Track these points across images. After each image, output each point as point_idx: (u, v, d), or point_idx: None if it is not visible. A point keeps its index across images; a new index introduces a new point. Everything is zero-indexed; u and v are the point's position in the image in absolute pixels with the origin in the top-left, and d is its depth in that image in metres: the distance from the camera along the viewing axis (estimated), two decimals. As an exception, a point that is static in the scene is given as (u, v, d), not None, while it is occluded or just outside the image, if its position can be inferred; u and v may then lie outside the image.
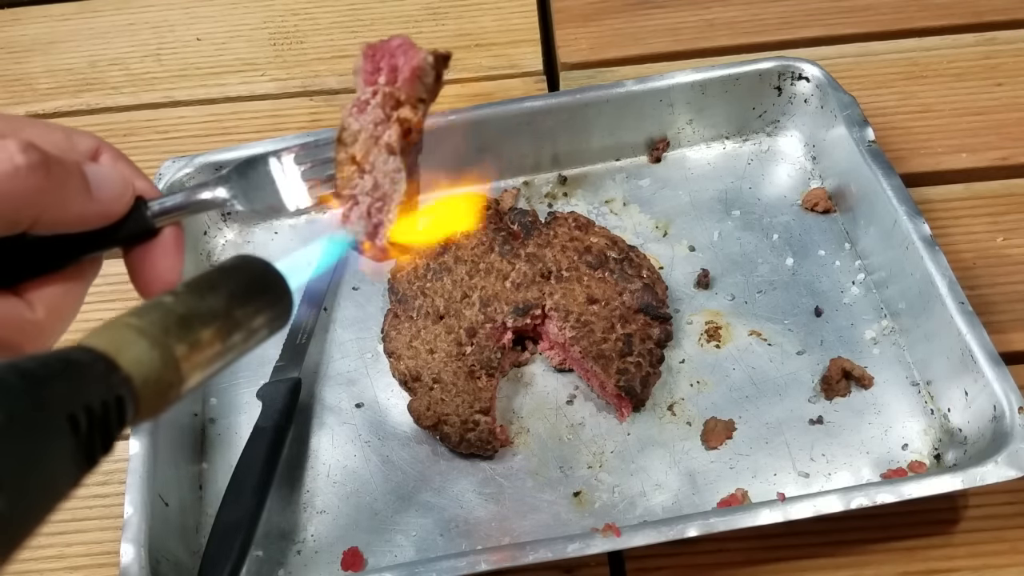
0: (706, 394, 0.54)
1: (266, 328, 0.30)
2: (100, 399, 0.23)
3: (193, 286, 0.28)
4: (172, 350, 0.25)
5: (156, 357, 0.25)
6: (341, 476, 0.52)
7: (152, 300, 0.26)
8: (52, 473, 0.21)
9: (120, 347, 0.24)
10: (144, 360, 0.24)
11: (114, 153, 0.35)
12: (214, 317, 0.27)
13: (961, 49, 0.72)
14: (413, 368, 0.53)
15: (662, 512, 0.49)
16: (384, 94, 0.36)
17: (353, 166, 0.36)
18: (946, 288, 0.51)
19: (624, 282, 0.55)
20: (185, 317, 0.26)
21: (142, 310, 0.26)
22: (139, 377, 0.24)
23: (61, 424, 0.21)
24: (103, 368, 0.23)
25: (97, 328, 0.25)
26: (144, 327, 0.25)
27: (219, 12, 0.82)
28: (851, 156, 0.59)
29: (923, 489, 0.45)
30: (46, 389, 0.21)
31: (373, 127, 0.36)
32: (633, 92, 0.63)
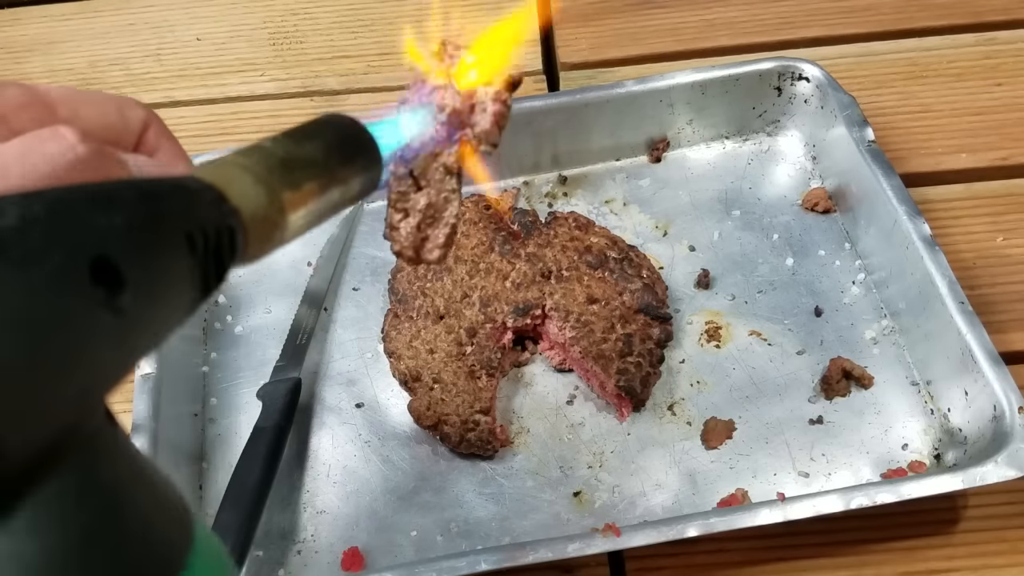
0: (706, 394, 0.54)
1: (359, 187, 0.29)
2: (214, 224, 0.22)
3: (290, 134, 0.27)
4: (276, 189, 0.25)
5: (262, 194, 0.24)
6: (341, 476, 0.52)
7: (251, 144, 0.26)
8: (172, 286, 0.21)
9: (227, 181, 0.24)
10: (250, 195, 0.24)
11: (161, 129, 0.34)
12: (313, 165, 0.27)
13: (961, 49, 0.72)
14: (413, 368, 0.54)
15: (662, 512, 0.49)
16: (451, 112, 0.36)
17: (410, 179, 0.36)
18: (946, 288, 0.51)
19: (624, 282, 0.55)
20: (286, 161, 0.26)
21: (244, 151, 0.26)
22: (247, 211, 0.24)
23: (179, 240, 0.21)
24: (213, 197, 0.23)
25: (202, 164, 0.25)
26: (248, 165, 0.25)
27: (219, 12, 0.82)
28: (851, 156, 0.59)
29: (923, 489, 0.45)
30: (163, 204, 0.21)
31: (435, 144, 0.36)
32: (633, 92, 0.63)
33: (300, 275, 0.61)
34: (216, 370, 0.57)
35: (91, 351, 0.19)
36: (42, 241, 0.18)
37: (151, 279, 0.20)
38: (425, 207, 0.36)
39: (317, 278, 0.60)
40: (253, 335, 0.59)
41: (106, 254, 0.19)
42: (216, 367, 0.57)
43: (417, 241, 0.36)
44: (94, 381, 0.19)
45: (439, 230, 0.36)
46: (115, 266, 0.19)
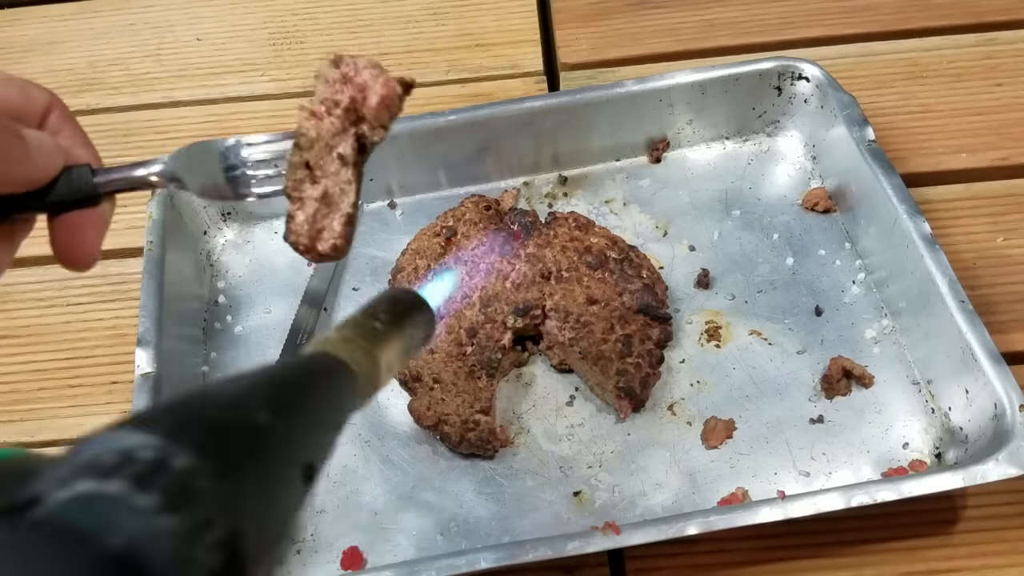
0: (706, 394, 0.54)
1: (419, 350, 0.37)
2: (353, 410, 0.29)
3: (396, 318, 0.33)
4: (379, 371, 0.31)
5: (374, 374, 0.31)
6: (341, 476, 0.52)
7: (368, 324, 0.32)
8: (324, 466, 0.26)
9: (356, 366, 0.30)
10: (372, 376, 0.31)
11: (64, 113, 0.36)
12: (402, 346, 0.33)
13: (961, 49, 0.72)
14: (413, 368, 0.53)
15: (662, 511, 0.49)
16: (345, 108, 0.37)
17: (305, 170, 0.37)
18: (946, 287, 0.51)
19: (624, 282, 0.55)
20: (389, 344, 0.32)
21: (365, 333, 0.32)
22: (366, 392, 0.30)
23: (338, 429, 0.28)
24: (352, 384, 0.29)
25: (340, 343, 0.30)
26: (370, 349, 0.31)
27: (219, 12, 0.82)
28: (851, 156, 0.59)
29: (924, 487, 0.45)
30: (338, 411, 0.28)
31: (330, 136, 0.37)
32: (633, 92, 0.63)
33: (300, 275, 0.61)
34: (216, 370, 0.57)
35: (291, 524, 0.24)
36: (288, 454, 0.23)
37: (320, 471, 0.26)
38: (320, 197, 0.37)
39: (317, 278, 0.60)
40: (253, 335, 0.59)
41: (313, 461, 0.25)
42: (216, 367, 0.57)
43: (312, 231, 0.37)
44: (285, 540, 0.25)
45: (334, 220, 0.37)
46: (315, 469, 0.25)
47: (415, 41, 0.77)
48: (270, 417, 0.22)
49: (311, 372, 0.28)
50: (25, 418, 0.56)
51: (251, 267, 0.62)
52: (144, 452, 0.18)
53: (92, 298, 0.62)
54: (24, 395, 0.57)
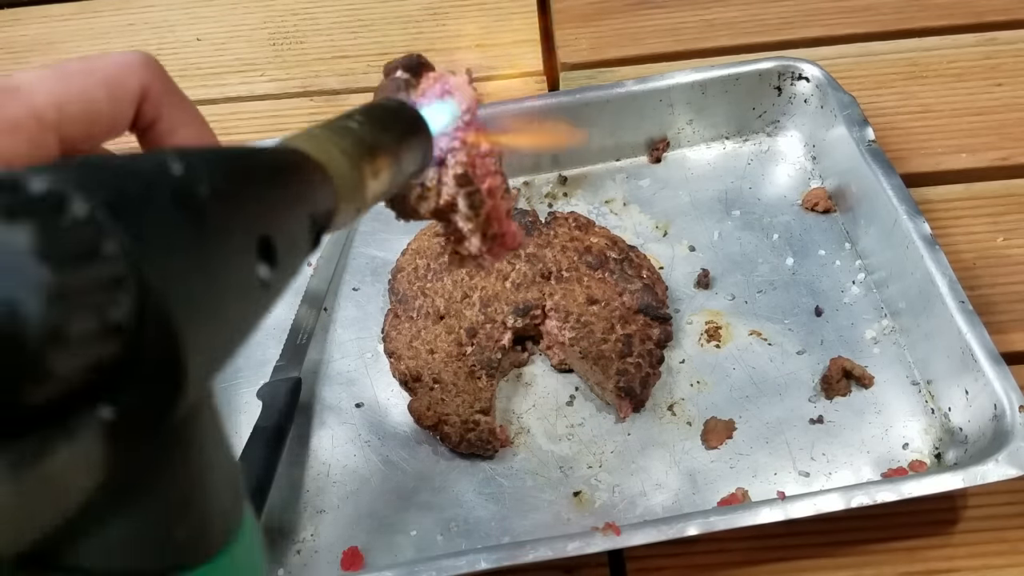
0: (706, 394, 0.54)
1: (413, 170, 0.32)
2: (325, 206, 0.25)
3: (374, 119, 0.29)
4: (364, 176, 0.27)
5: (356, 179, 0.27)
6: (341, 476, 0.52)
7: (341, 123, 0.28)
8: (296, 259, 0.23)
9: (331, 163, 0.26)
10: (347, 180, 0.26)
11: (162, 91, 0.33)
12: (388, 152, 0.29)
13: (961, 49, 0.72)
14: (413, 368, 0.53)
15: (662, 512, 0.49)
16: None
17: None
18: (946, 287, 0.51)
19: (624, 282, 0.55)
20: (372, 148, 0.28)
21: (337, 131, 0.27)
22: (342, 194, 0.26)
23: (306, 219, 0.24)
24: (325, 180, 0.25)
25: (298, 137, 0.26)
26: (346, 149, 0.27)
27: (219, 12, 0.82)
28: (851, 156, 0.59)
29: (924, 487, 0.45)
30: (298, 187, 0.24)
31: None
32: (633, 92, 0.63)
33: (300, 275, 0.61)
34: (216, 370, 0.57)
35: (243, 320, 0.20)
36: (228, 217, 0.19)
37: (288, 255, 0.22)
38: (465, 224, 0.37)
39: (317, 278, 0.60)
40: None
41: (269, 234, 0.21)
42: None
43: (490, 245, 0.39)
44: (239, 344, 0.20)
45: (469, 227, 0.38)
46: (274, 245, 0.21)
47: (415, 41, 0.77)
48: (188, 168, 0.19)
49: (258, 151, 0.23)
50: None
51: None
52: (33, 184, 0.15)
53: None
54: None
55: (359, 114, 0.29)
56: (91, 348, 0.15)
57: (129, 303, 0.15)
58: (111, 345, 0.15)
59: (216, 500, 0.21)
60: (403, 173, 0.31)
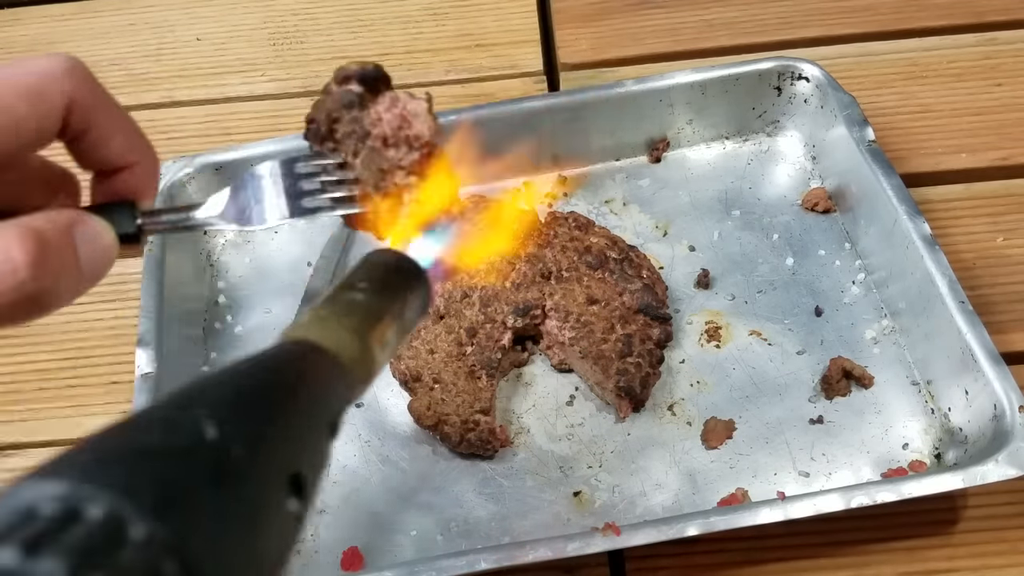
0: (706, 394, 0.54)
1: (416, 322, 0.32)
2: (346, 404, 0.25)
3: (378, 284, 0.29)
4: (371, 349, 0.27)
5: (365, 357, 0.27)
6: (341, 476, 0.52)
7: (347, 297, 0.28)
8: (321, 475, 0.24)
9: (341, 349, 0.26)
10: (358, 360, 0.26)
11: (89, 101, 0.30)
12: (394, 318, 0.29)
13: (961, 49, 0.72)
14: (413, 368, 0.53)
15: (662, 512, 0.49)
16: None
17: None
18: (946, 287, 0.51)
19: (624, 282, 0.55)
20: (378, 316, 0.28)
21: (344, 308, 0.27)
22: (358, 378, 0.26)
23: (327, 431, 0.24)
24: (339, 371, 0.25)
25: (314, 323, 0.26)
26: (354, 327, 0.27)
27: (219, 12, 0.82)
28: (851, 156, 0.59)
29: (923, 488, 0.45)
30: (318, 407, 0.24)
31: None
32: (633, 92, 0.63)
33: (300, 275, 0.61)
34: (216, 370, 0.57)
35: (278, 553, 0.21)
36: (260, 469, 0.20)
37: (315, 480, 0.23)
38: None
39: (317, 278, 0.60)
40: (253, 335, 0.59)
41: (299, 470, 0.21)
42: (216, 367, 0.57)
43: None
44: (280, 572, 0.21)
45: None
46: (304, 480, 0.22)
47: (415, 41, 0.77)
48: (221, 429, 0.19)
49: (279, 366, 0.23)
50: (25, 418, 0.56)
51: (251, 267, 0.62)
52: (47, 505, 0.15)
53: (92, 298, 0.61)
54: (24, 395, 0.57)
55: (361, 281, 0.29)
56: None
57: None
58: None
59: None
60: (406, 330, 0.31)
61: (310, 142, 0.36)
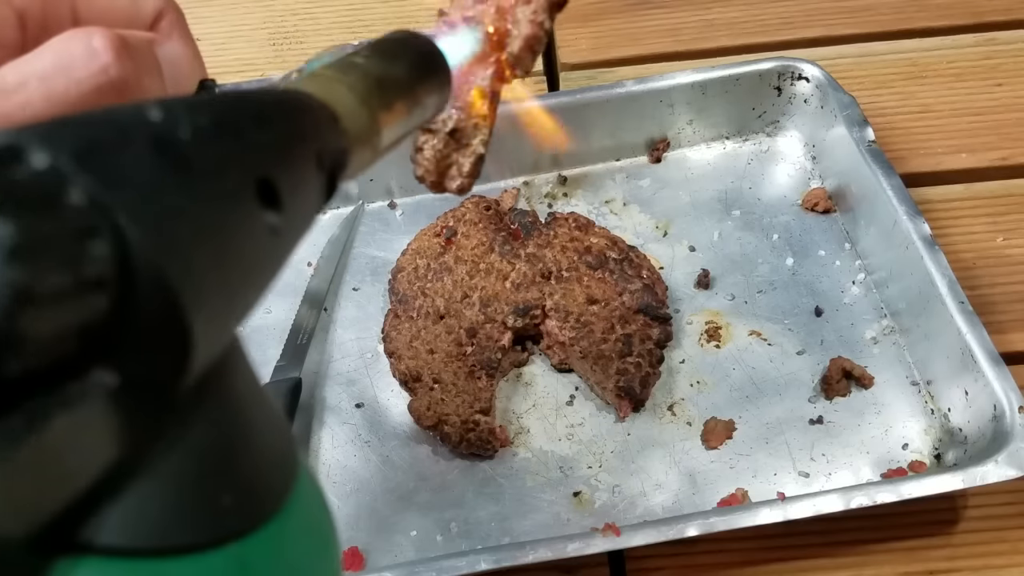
0: (706, 394, 0.54)
1: (433, 108, 0.30)
2: (334, 144, 0.23)
3: (381, 52, 0.27)
4: (375, 111, 0.25)
5: (364, 115, 0.25)
6: (341, 476, 0.52)
7: (346, 59, 0.26)
8: (308, 203, 0.22)
9: (337, 101, 0.24)
10: (356, 116, 0.24)
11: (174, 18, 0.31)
12: (401, 87, 0.27)
13: (961, 49, 0.72)
14: (413, 368, 0.53)
15: (662, 512, 0.49)
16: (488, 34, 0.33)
17: None
18: (946, 288, 0.51)
19: (624, 282, 0.55)
20: (381, 81, 0.26)
21: (340, 67, 0.25)
22: (352, 132, 0.24)
23: (312, 159, 0.22)
24: (330, 117, 0.23)
25: (300, 78, 0.25)
26: (353, 84, 0.25)
27: (219, 12, 0.81)
28: (851, 156, 0.59)
29: (923, 488, 0.45)
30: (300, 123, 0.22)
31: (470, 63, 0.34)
32: (633, 92, 0.63)
33: (300, 275, 0.61)
34: (216, 370, 0.57)
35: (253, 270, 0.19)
36: (216, 160, 0.18)
37: (296, 199, 0.20)
38: (452, 129, 0.34)
39: (317, 278, 0.60)
40: (253, 335, 0.59)
41: (269, 176, 0.19)
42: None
43: (442, 166, 0.34)
44: (255, 296, 0.19)
45: (465, 157, 0.34)
46: (276, 188, 0.19)
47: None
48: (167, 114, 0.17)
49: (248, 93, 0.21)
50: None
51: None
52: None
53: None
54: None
55: (365, 48, 0.27)
56: (70, 307, 0.13)
57: (106, 255, 0.14)
58: (95, 303, 0.14)
59: (261, 459, 0.19)
60: (421, 108, 0.28)
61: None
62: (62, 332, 0.14)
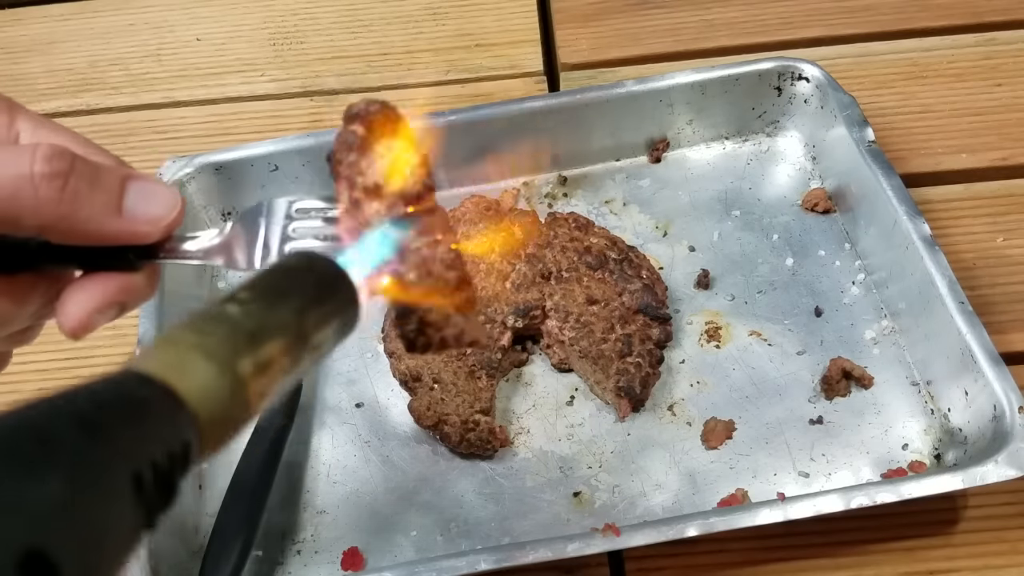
0: (706, 394, 0.54)
1: (332, 343, 0.26)
2: (166, 449, 0.19)
3: (260, 293, 0.24)
4: (242, 378, 0.22)
5: (225, 387, 0.21)
6: (341, 476, 0.52)
7: (215, 310, 0.22)
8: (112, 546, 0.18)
9: (184, 374, 0.20)
10: (212, 393, 0.21)
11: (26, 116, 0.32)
12: (284, 333, 0.23)
13: (961, 49, 0.72)
14: (413, 368, 0.53)
15: (662, 512, 0.49)
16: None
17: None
18: (946, 288, 0.51)
19: (624, 283, 0.55)
20: (255, 334, 0.22)
21: (205, 323, 0.22)
22: (206, 414, 0.20)
23: (125, 486, 0.18)
24: (169, 408, 0.20)
25: (153, 347, 0.21)
26: (212, 348, 0.21)
27: (219, 12, 0.82)
28: (851, 156, 0.59)
29: (923, 488, 0.45)
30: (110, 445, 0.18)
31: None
32: (633, 92, 0.63)
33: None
34: (216, 370, 0.57)
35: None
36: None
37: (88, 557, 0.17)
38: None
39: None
40: (253, 335, 0.58)
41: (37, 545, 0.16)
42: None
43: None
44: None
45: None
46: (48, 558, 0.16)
47: (415, 41, 0.77)
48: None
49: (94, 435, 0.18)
50: (25, 418, 0.56)
51: (251, 267, 0.62)
52: None
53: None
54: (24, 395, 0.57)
55: (245, 290, 0.23)
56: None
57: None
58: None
59: None
60: (315, 350, 0.25)
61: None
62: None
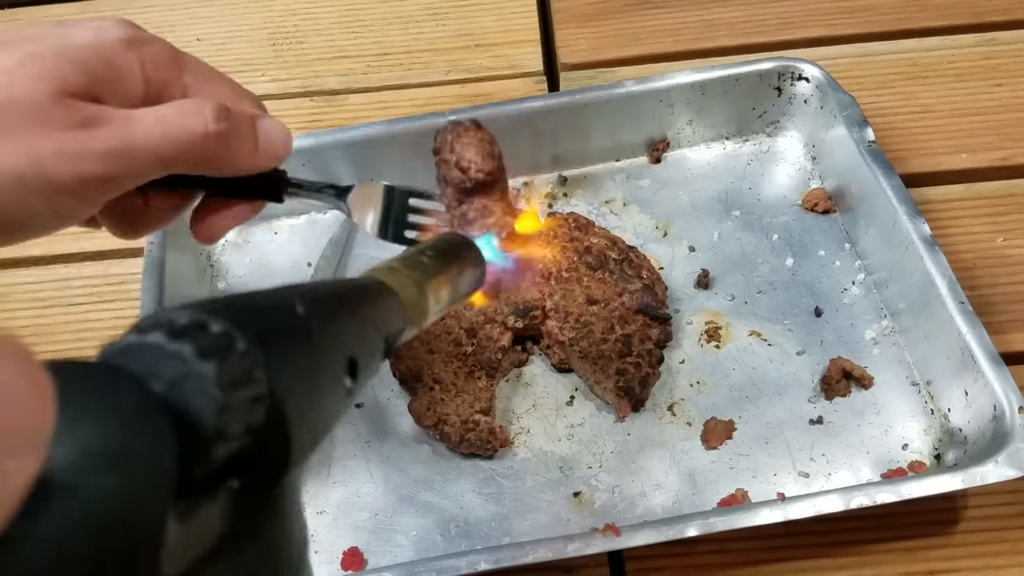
0: (706, 394, 0.54)
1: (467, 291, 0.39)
2: (396, 330, 0.32)
3: (438, 252, 0.36)
4: (427, 296, 0.34)
5: (421, 305, 0.33)
6: (341, 476, 0.52)
7: (415, 258, 0.35)
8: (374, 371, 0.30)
9: (401, 288, 0.32)
10: (412, 302, 0.33)
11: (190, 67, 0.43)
12: (450, 282, 0.36)
13: (961, 49, 0.72)
14: (413, 368, 0.53)
15: (662, 512, 0.49)
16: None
17: None
18: (946, 288, 0.51)
19: (624, 283, 0.55)
20: (436, 278, 0.35)
21: (411, 264, 0.34)
22: (410, 318, 0.33)
23: (381, 341, 0.30)
24: (396, 304, 0.32)
25: (384, 269, 0.33)
26: (416, 278, 0.33)
27: (219, 12, 0.82)
28: (851, 156, 0.59)
29: (923, 489, 0.45)
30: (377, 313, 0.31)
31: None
32: (633, 92, 0.63)
33: (300, 275, 0.61)
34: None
35: (331, 418, 0.27)
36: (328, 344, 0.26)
37: (368, 370, 0.29)
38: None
39: (317, 278, 0.60)
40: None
41: (355, 356, 0.27)
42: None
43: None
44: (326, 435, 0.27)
45: None
46: (357, 364, 0.27)
47: (415, 41, 0.77)
48: (307, 308, 0.25)
49: (354, 285, 0.31)
50: (25, 418, 0.56)
51: (251, 267, 0.62)
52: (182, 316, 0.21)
53: (92, 298, 0.62)
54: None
55: (431, 249, 0.36)
56: (237, 442, 0.21)
57: (264, 412, 0.21)
58: (248, 439, 0.21)
59: (291, 553, 0.25)
60: (459, 295, 0.37)
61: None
62: (228, 455, 0.20)
